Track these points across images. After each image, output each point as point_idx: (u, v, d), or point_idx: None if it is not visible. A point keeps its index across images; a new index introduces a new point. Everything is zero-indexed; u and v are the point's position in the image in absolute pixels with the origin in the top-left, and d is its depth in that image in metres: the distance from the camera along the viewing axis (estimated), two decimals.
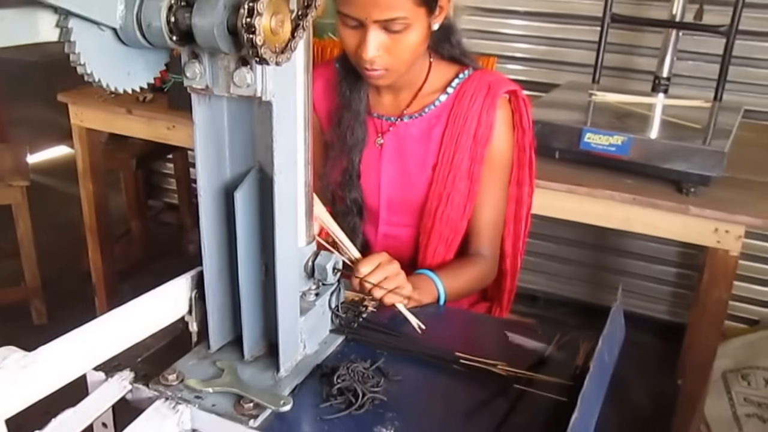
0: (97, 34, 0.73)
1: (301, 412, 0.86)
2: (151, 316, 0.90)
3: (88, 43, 0.72)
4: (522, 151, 1.25)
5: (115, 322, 0.86)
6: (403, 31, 1.08)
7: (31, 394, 0.79)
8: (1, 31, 0.65)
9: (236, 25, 0.69)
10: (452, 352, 0.95)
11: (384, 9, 1.05)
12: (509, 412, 0.86)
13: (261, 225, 0.90)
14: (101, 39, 0.74)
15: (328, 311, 1.00)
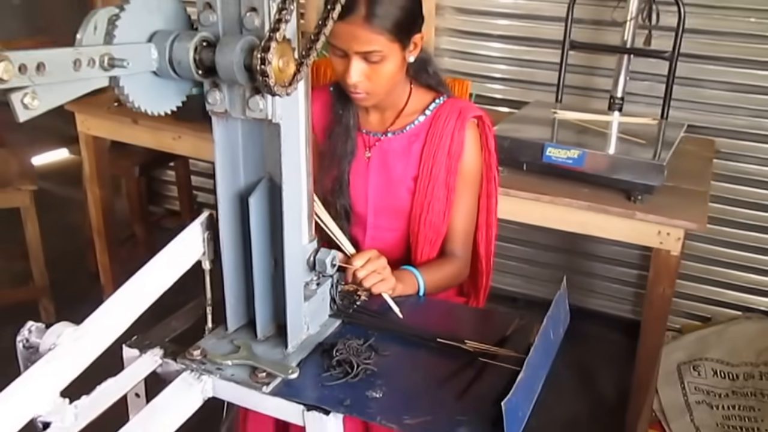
0: (138, 77, 0.91)
1: (306, 379, 1.05)
2: (174, 262, 1.07)
3: (132, 84, 0.89)
4: (488, 168, 1.46)
5: (146, 275, 1.03)
6: (380, 62, 1.28)
7: (84, 361, 0.97)
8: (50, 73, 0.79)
9: (251, 64, 0.88)
10: (430, 333, 1.15)
11: (363, 43, 1.26)
12: (474, 379, 1.05)
13: (271, 226, 1.09)
14: (141, 78, 0.91)
15: (327, 298, 1.19)
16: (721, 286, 2.69)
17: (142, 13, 0.87)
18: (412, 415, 0.97)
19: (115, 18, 0.84)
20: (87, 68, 0.78)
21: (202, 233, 1.12)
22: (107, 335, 0.99)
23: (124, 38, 0.85)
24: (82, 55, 0.77)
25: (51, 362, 0.91)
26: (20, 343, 0.97)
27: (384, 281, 1.22)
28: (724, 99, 2.45)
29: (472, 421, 0.96)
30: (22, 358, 0.98)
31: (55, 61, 0.74)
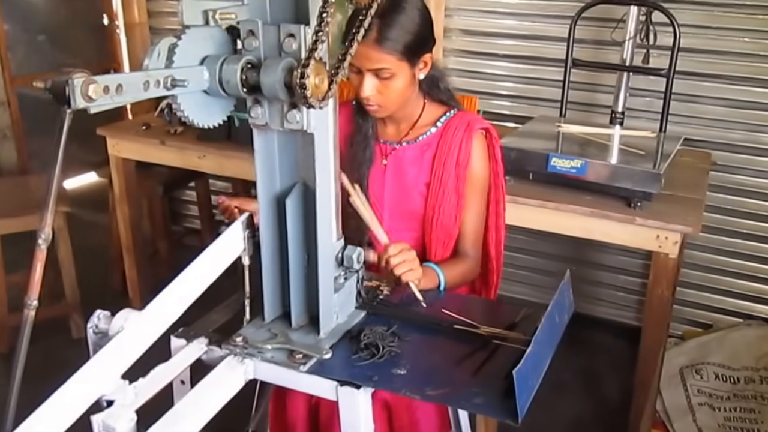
0: (192, 95, 1.05)
1: (337, 360, 1.18)
2: (218, 257, 1.20)
3: (187, 102, 1.04)
4: (496, 176, 1.59)
5: (195, 270, 1.16)
6: (390, 78, 1.43)
7: (145, 344, 1.10)
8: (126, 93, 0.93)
9: (291, 82, 1.02)
10: (447, 320, 1.27)
11: (373, 62, 1.41)
12: (487, 359, 1.18)
13: (304, 225, 1.23)
14: (194, 96, 1.06)
15: (354, 291, 1.32)
16: (721, 293, 2.80)
17: (196, 41, 1.03)
18: (432, 387, 1.10)
19: (174, 46, 0.99)
20: (154, 88, 0.93)
21: (243, 231, 1.25)
22: (165, 321, 1.12)
23: (181, 62, 1.00)
24: (151, 77, 0.92)
25: (119, 345, 1.04)
26: (90, 329, 1.10)
27: (413, 271, 1.35)
28: (719, 114, 2.59)
29: (486, 392, 1.08)
30: (92, 343, 1.11)
31: (131, 83, 0.89)
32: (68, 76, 0.78)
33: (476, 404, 1.06)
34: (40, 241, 0.83)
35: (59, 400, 0.96)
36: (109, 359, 1.03)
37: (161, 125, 2.53)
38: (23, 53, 3.98)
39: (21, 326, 0.85)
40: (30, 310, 0.84)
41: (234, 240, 1.25)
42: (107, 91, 0.84)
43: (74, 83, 0.79)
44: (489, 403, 1.06)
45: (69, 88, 0.79)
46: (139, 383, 1.11)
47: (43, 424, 0.94)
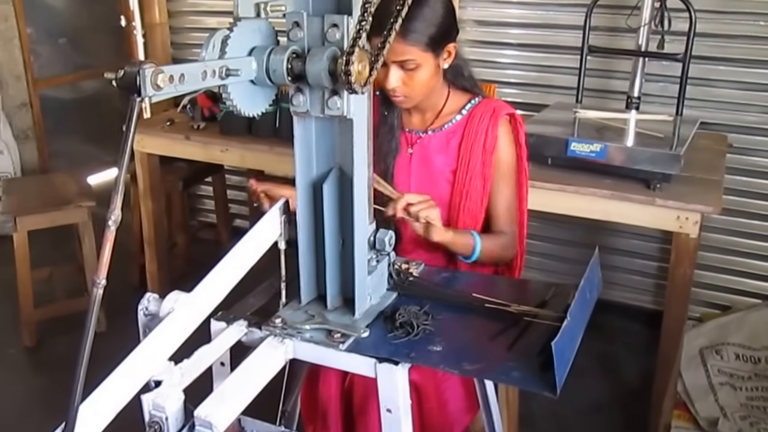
0: (240, 84, 1.09)
1: (374, 339, 1.21)
2: (257, 241, 1.24)
3: (236, 91, 1.09)
4: (519, 160, 1.63)
5: (236, 254, 1.20)
6: (415, 69, 1.46)
7: (192, 325, 1.14)
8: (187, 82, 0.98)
9: (335, 70, 1.06)
10: (478, 299, 1.31)
11: (399, 54, 1.44)
12: (520, 335, 1.21)
13: (340, 210, 1.26)
14: (242, 86, 1.10)
15: (386, 273, 1.36)
16: (739, 275, 2.83)
17: (245, 33, 1.08)
18: (469, 362, 1.14)
19: (227, 38, 1.04)
20: (210, 78, 0.97)
21: (280, 216, 1.29)
22: (211, 302, 1.17)
23: (232, 54, 1.04)
24: (208, 67, 0.96)
25: (170, 325, 1.08)
26: (141, 312, 1.15)
27: (431, 208, 1.40)
28: (735, 97, 2.61)
29: (522, 367, 1.12)
30: (142, 325, 1.16)
31: (191, 73, 0.93)
32: (138, 66, 0.82)
33: (514, 378, 1.09)
34: (110, 222, 0.86)
35: (116, 380, 1.00)
36: (162, 339, 1.07)
37: (185, 121, 2.57)
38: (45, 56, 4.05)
39: (89, 306, 0.88)
40: (98, 288, 0.88)
41: (272, 224, 1.29)
42: (172, 81, 0.88)
43: (145, 73, 0.83)
44: (526, 376, 1.09)
45: (140, 78, 0.83)
46: (184, 364, 1.16)
47: (103, 403, 0.98)
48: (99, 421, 0.98)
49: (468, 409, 1.61)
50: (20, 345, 2.75)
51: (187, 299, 1.12)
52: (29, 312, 2.71)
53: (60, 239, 3.22)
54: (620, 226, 2.89)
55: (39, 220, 2.61)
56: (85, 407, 0.96)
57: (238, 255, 1.20)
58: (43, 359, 2.67)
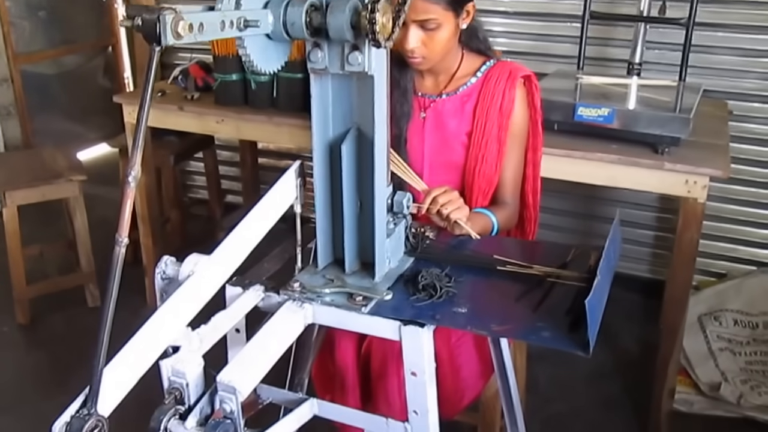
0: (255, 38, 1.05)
1: (397, 302, 1.19)
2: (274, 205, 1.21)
3: (252, 45, 1.04)
4: (535, 124, 1.60)
5: (255, 216, 1.17)
6: (436, 29, 1.43)
7: (214, 288, 1.11)
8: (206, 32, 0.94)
9: (358, 23, 1.02)
10: (499, 261, 1.28)
11: (420, 12, 1.40)
12: (545, 296, 1.19)
13: (357, 171, 1.23)
14: (258, 40, 1.05)
15: (403, 236, 1.33)
16: (735, 242, 2.83)
17: None
18: (497, 323, 1.12)
19: None
20: (228, 29, 0.93)
21: (295, 179, 1.25)
22: (231, 265, 1.13)
23: (247, 6, 0.99)
24: (226, 17, 0.92)
25: (191, 288, 1.04)
26: (158, 276, 1.11)
27: (460, 209, 1.36)
28: (734, 64, 2.60)
29: (551, 327, 1.10)
30: (159, 289, 1.12)
31: (209, 22, 0.89)
32: (157, 13, 0.78)
33: (545, 337, 1.07)
34: (130, 179, 0.83)
35: (138, 345, 0.97)
36: (182, 303, 1.03)
37: (177, 92, 2.51)
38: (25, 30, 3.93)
39: (111, 264, 0.84)
40: (121, 247, 0.84)
41: (287, 188, 1.25)
42: (191, 29, 0.83)
43: (165, 20, 0.79)
44: (557, 336, 1.08)
45: (160, 25, 0.79)
46: (201, 330, 1.12)
47: (125, 368, 0.95)
48: (121, 387, 0.94)
49: (481, 375, 1.60)
50: (13, 323, 2.69)
51: (208, 262, 1.08)
52: (22, 289, 2.65)
53: (49, 216, 3.15)
54: (615, 194, 2.90)
55: (29, 194, 2.53)
56: (107, 373, 0.93)
57: (256, 218, 1.17)
58: (36, 336, 2.62)
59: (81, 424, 0.86)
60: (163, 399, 1.03)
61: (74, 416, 0.87)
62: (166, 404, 1.03)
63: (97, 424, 0.87)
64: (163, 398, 1.03)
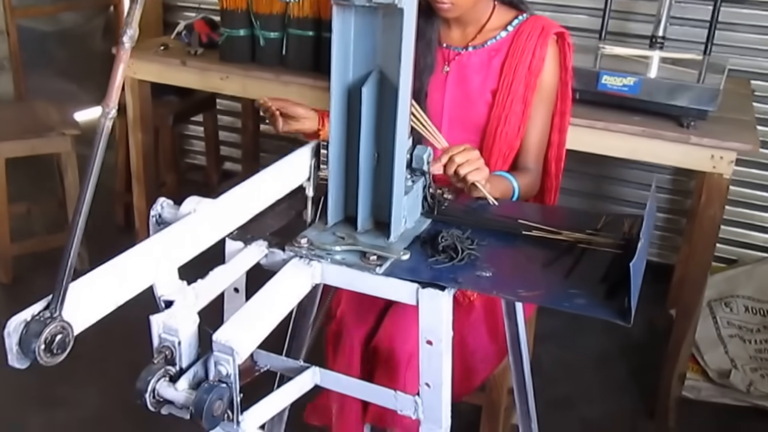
0: None
1: (414, 263, 1.09)
2: (283, 178, 1.12)
3: None
4: (564, 86, 1.50)
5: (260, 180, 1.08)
6: None
7: (214, 236, 1.01)
8: None
9: None
10: (523, 225, 1.19)
11: None
12: (576, 262, 1.10)
13: (377, 119, 1.13)
14: None
15: (420, 195, 1.23)
16: (746, 227, 2.76)
17: None
18: (525, 289, 1.02)
19: None
20: None
21: (310, 159, 1.16)
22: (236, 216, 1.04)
23: None
24: None
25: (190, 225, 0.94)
26: (153, 218, 1.00)
27: (479, 170, 1.25)
28: (755, 42, 2.51)
29: (586, 294, 1.00)
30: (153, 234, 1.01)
31: None
32: None
33: (579, 304, 0.98)
34: (125, 39, 0.71)
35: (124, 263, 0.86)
36: (176, 237, 0.93)
37: (180, 47, 2.39)
38: None
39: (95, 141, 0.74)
40: (107, 119, 0.74)
41: (301, 163, 1.15)
42: None
43: None
44: (592, 303, 0.98)
45: None
46: (198, 285, 1.02)
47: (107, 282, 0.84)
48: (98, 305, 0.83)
49: (493, 357, 1.52)
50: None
51: (211, 205, 0.98)
52: (5, 246, 2.53)
53: (40, 174, 3.04)
54: (624, 174, 2.82)
55: (18, 147, 2.42)
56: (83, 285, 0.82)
57: (271, 177, 1.07)
58: (19, 296, 2.51)
59: (40, 328, 0.74)
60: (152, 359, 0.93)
61: (35, 317, 0.75)
62: (155, 364, 0.92)
63: (62, 330, 0.75)
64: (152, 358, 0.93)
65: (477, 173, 1.25)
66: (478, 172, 1.25)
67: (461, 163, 1.24)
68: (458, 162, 1.24)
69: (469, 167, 1.25)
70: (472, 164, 1.25)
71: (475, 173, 1.25)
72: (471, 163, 1.25)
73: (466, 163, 1.25)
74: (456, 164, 1.24)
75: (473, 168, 1.25)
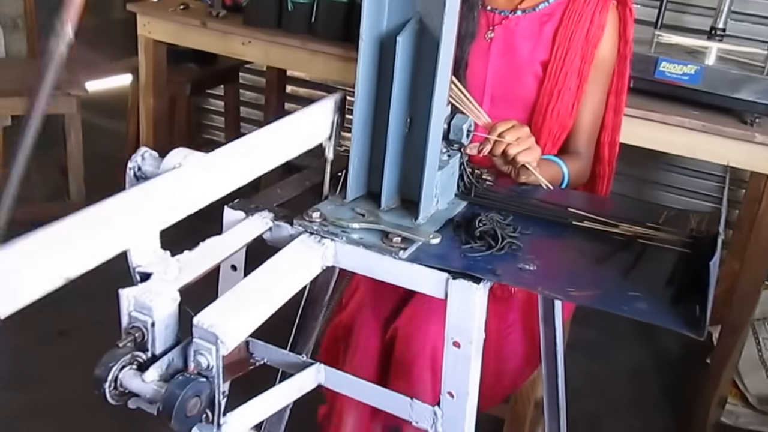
0: None
1: (445, 250, 0.92)
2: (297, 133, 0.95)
3: None
4: (623, 61, 1.32)
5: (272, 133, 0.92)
6: None
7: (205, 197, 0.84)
8: None
9: None
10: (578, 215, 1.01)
11: None
12: (637, 260, 0.92)
13: (413, 76, 0.96)
14: None
15: (456, 173, 1.06)
16: None
17: None
18: (576, 288, 0.85)
19: None
20: None
21: (333, 114, 0.99)
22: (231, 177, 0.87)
23: None
24: None
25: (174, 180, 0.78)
26: (131, 171, 0.84)
27: (530, 150, 1.08)
28: None
29: (648, 298, 0.83)
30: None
31: None
32: None
33: (640, 310, 0.81)
34: None
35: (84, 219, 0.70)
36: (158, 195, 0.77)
37: (201, 7, 2.23)
38: None
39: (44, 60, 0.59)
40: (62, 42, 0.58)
41: (321, 119, 0.99)
42: None
43: None
44: (658, 310, 0.81)
45: None
46: (184, 257, 0.86)
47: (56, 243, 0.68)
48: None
49: (525, 368, 1.35)
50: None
51: (202, 159, 0.82)
52: None
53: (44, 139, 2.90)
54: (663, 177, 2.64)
55: (19, 104, 2.27)
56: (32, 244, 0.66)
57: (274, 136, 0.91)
58: None
59: None
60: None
61: None
62: (121, 348, 0.76)
63: None
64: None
65: (528, 153, 1.08)
66: (529, 153, 1.08)
67: (511, 142, 1.07)
68: (508, 140, 1.06)
69: (520, 147, 1.08)
70: (523, 143, 1.08)
71: (526, 153, 1.08)
72: (521, 142, 1.08)
73: (516, 142, 1.07)
74: (505, 143, 1.07)
75: (524, 148, 1.08)
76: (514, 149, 1.07)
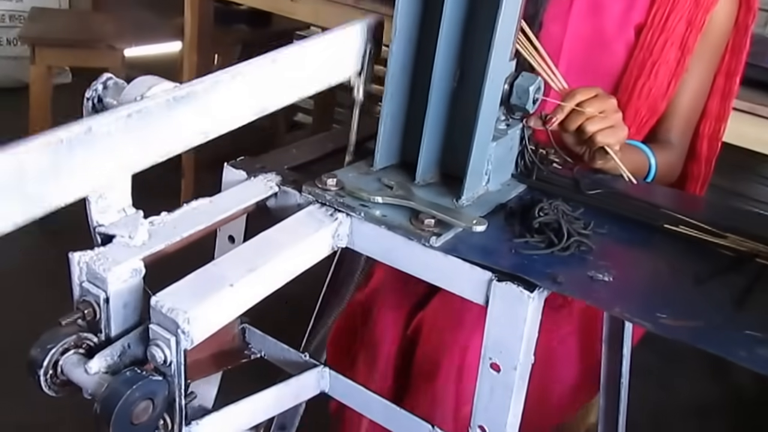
0: None
1: (491, 242, 0.70)
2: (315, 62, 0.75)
3: None
4: (741, 34, 1.06)
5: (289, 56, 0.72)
6: None
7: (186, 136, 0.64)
8: None
9: None
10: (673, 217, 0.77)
11: None
12: (753, 284, 0.68)
13: (467, 18, 0.74)
14: None
15: (516, 148, 0.83)
16: None
17: None
18: (670, 315, 0.61)
19: None
20: None
21: (364, 42, 0.77)
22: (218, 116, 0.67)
23: None
24: None
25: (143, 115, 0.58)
26: (89, 101, 0.65)
27: (614, 129, 0.84)
28: None
29: None
30: None
31: None
32: None
33: (761, 358, 0.57)
34: None
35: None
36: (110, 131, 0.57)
37: None
38: None
39: None
40: None
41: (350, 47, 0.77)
42: None
43: None
44: None
45: None
46: (159, 219, 0.67)
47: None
48: None
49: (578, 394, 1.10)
50: None
51: (176, 91, 0.61)
52: None
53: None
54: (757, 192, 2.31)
55: (61, 55, 2.16)
56: None
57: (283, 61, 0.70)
58: None
59: None
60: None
61: None
62: (64, 326, 0.59)
63: None
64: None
65: (611, 133, 0.84)
66: (612, 132, 0.84)
67: (592, 115, 0.83)
68: (589, 112, 0.83)
69: (602, 124, 0.84)
70: (607, 120, 0.84)
71: (609, 133, 0.84)
72: (605, 118, 0.84)
73: (598, 117, 0.83)
74: (584, 116, 0.83)
75: (606, 125, 0.84)
76: (594, 125, 0.83)
